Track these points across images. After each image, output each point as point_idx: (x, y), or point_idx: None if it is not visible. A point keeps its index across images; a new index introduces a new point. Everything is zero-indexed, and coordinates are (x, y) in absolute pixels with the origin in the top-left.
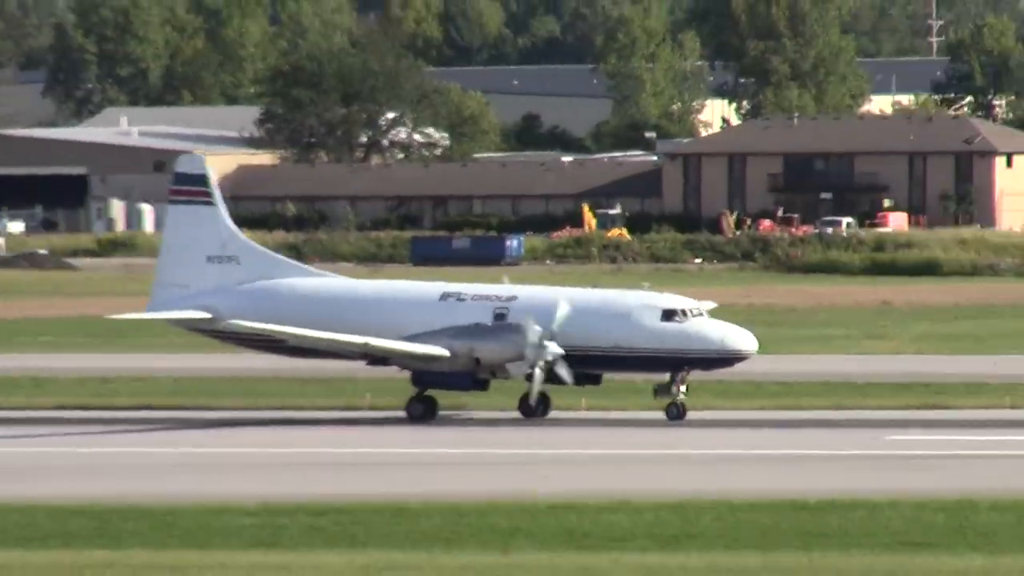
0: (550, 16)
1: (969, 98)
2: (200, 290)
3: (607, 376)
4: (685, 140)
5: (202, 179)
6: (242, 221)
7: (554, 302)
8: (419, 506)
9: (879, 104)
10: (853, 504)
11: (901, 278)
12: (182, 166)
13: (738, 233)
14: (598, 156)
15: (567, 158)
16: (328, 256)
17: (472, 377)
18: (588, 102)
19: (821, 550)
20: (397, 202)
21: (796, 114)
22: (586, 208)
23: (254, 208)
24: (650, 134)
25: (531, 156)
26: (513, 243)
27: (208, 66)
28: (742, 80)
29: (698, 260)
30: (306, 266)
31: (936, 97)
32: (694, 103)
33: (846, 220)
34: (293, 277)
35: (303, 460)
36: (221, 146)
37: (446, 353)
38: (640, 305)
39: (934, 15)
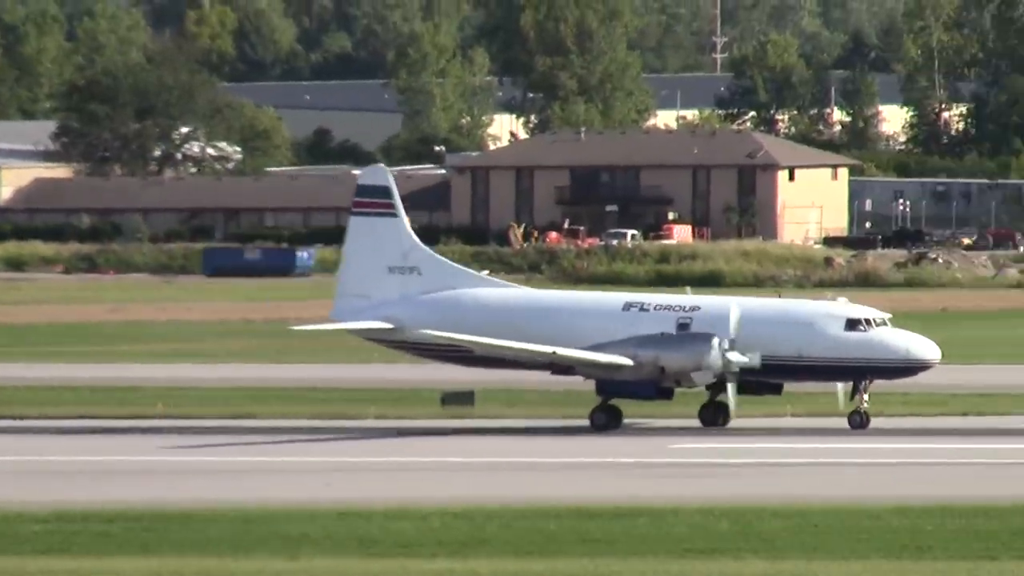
0: (342, 32)
1: (752, 113)
2: (381, 300)
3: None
4: (474, 154)
5: (385, 191)
6: (37, 233)
7: (736, 313)
8: (209, 512)
9: (664, 119)
10: (637, 511)
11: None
12: (365, 178)
13: (526, 245)
14: (389, 169)
15: (358, 171)
16: (122, 267)
17: (657, 386)
18: (379, 117)
19: (606, 557)
20: (190, 214)
21: (583, 128)
22: None
23: (49, 220)
24: (439, 148)
25: (322, 170)
26: (304, 255)
27: (5, 81)
28: (530, 95)
29: (486, 272)
30: (486, 276)
31: (720, 112)
32: (483, 117)
33: (631, 232)
34: (475, 287)
35: (96, 468)
36: (17, 160)
37: (631, 362)
38: (824, 314)
39: (718, 32)
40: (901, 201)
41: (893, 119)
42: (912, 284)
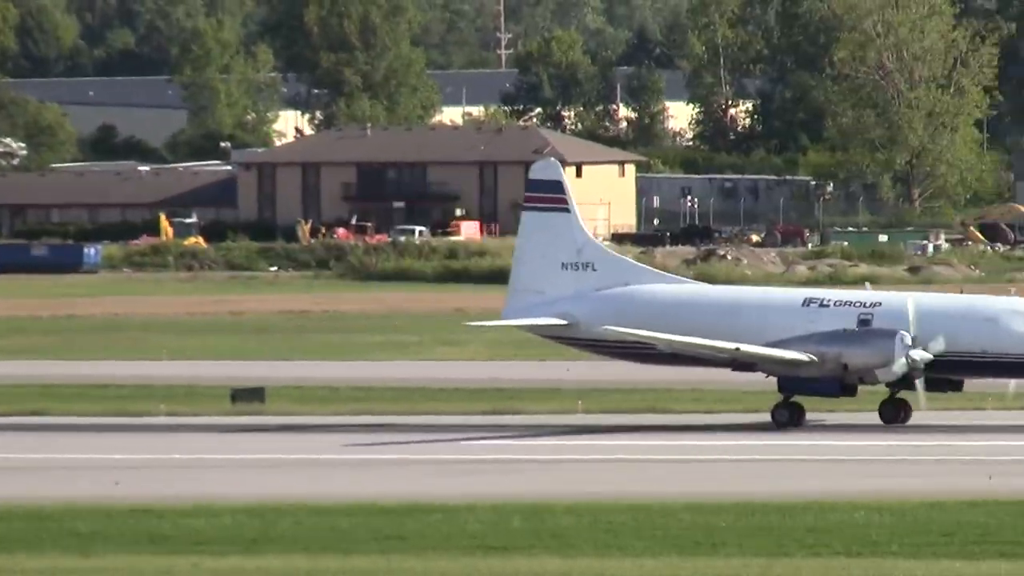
0: (125, 28)
1: (538, 110)
2: (555, 296)
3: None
4: (260, 150)
5: (558, 185)
6: None
7: (919, 309)
8: (1, 510)
9: (450, 115)
10: (430, 508)
11: (474, 285)
12: (537, 172)
13: (313, 241)
14: (174, 165)
15: (144, 168)
16: None
17: (840, 383)
18: (164, 113)
19: (399, 553)
20: None
21: (368, 125)
22: (162, 217)
23: None
24: (225, 144)
25: (108, 166)
26: (91, 251)
27: None
28: (315, 91)
29: (274, 268)
30: (662, 272)
31: (506, 108)
32: (268, 114)
33: (419, 229)
34: (650, 283)
35: None
36: None
37: (814, 359)
38: (1009, 310)
39: (502, 28)
40: (689, 198)
41: (679, 116)
42: (701, 281)
